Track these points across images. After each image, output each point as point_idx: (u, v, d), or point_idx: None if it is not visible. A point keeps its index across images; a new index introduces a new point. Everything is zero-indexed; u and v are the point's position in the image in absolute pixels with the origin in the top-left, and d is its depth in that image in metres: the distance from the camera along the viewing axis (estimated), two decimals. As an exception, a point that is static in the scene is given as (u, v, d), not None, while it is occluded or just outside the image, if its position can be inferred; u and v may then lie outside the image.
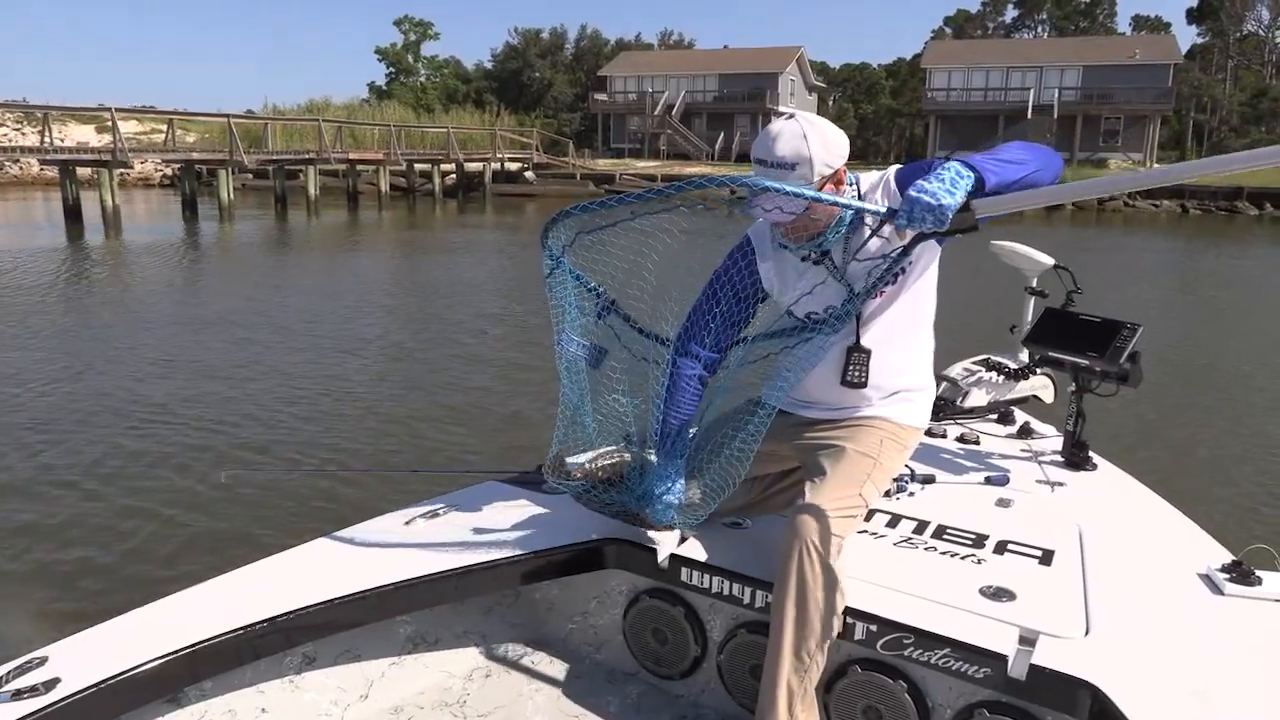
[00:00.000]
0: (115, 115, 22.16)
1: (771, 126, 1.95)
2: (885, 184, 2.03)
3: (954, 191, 1.70)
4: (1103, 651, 1.75)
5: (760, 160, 1.93)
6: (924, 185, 1.72)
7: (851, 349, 2.08)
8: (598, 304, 2.20)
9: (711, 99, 51.92)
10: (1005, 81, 46.93)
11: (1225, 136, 49.85)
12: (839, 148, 1.95)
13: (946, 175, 1.73)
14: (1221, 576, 2.01)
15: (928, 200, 1.70)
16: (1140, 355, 2.66)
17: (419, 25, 63.40)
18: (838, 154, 1.95)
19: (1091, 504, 2.51)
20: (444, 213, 30.44)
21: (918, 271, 2.09)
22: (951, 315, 2.32)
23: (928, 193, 1.70)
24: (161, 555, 4.50)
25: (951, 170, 1.74)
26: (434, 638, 2.37)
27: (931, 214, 1.70)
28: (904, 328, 2.14)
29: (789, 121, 1.93)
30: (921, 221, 1.71)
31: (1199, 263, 19.00)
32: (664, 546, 2.22)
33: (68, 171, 21.70)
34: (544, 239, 2.10)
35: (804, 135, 1.90)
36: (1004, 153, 1.86)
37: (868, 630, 1.90)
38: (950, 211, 1.70)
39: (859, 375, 2.08)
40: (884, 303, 2.08)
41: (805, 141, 1.90)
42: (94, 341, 9.26)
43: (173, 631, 1.81)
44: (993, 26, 66.21)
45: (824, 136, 1.93)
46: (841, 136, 1.98)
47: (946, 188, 1.71)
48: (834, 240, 2.03)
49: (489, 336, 9.95)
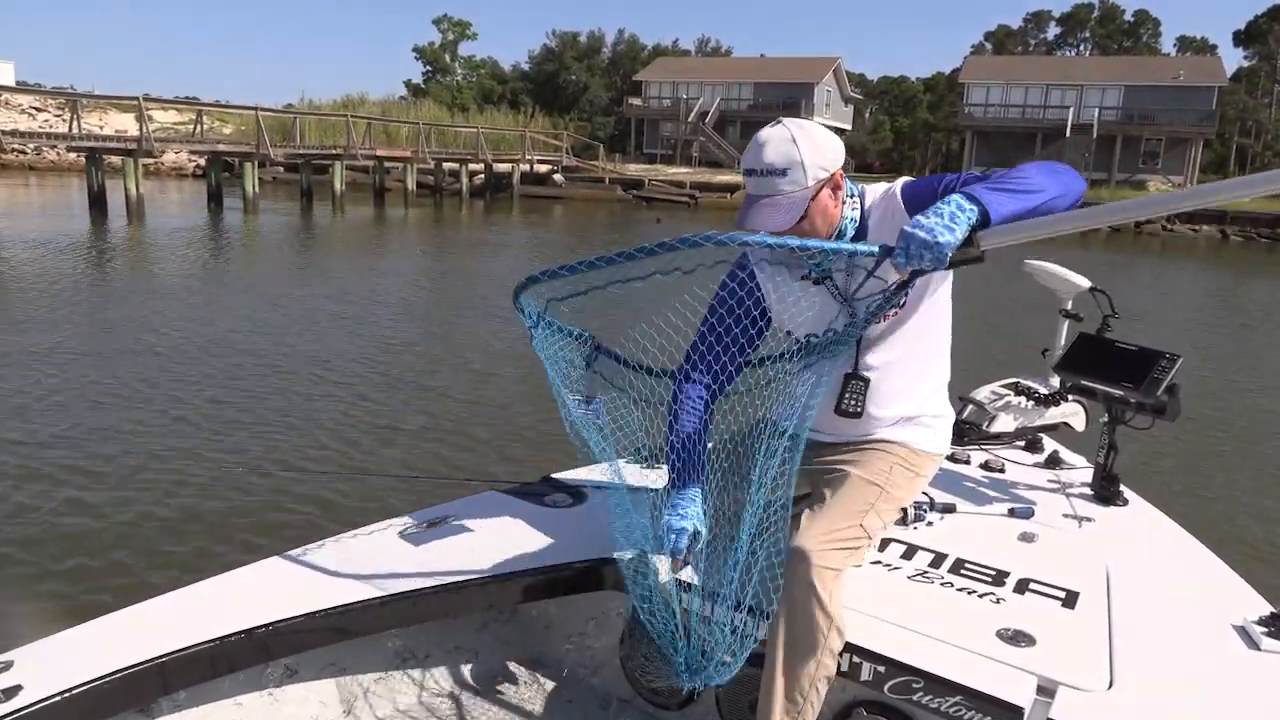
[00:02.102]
0: (144, 104, 22.26)
1: (759, 134, 1.86)
2: (890, 198, 1.93)
3: (954, 228, 1.58)
4: (1126, 707, 1.64)
5: (749, 170, 1.85)
6: (920, 221, 1.60)
7: (849, 376, 1.99)
8: (584, 351, 2.08)
9: (746, 107, 51.75)
10: (1044, 99, 46.30)
11: (1270, 161, 48.77)
12: (832, 151, 1.85)
13: (946, 210, 1.60)
14: (1259, 630, 1.88)
15: (923, 237, 1.58)
16: (1179, 388, 2.52)
17: (457, 25, 63.66)
18: (831, 157, 1.85)
19: (1121, 543, 2.38)
20: (470, 213, 30.39)
21: (927, 294, 1.98)
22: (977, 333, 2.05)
23: (924, 228, 1.59)
24: (146, 557, 4.34)
25: (952, 205, 1.61)
26: (424, 653, 2.29)
27: (929, 251, 1.58)
28: (912, 352, 2.03)
29: (776, 127, 1.85)
30: (919, 259, 1.59)
31: (1244, 292, 18.48)
32: (662, 570, 2.08)
33: (94, 159, 21.86)
34: (515, 302, 1.96)
35: (792, 139, 1.82)
36: (1017, 181, 1.70)
37: (875, 671, 1.79)
38: (949, 250, 1.58)
39: (855, 405, 2.00)
40: (890, 326, 1.98)
41: (795, 145, 1.81)
42: (83, 332, 9.12)
43: (146, 639, 1.73)
44: (1034, 43, 65.38)
45: (813, 139, 1.84)
46: (834, 139, 1.88)
47: (945, 224, 1.58)
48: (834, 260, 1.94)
49: (499, 342, 9.74)
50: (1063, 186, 1.72)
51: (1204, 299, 17.18)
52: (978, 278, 1.95)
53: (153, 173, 39.61)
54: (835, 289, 1.97)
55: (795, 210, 1.82)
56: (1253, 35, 55.43)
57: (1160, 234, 33.25)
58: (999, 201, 1.63)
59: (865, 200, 1.96)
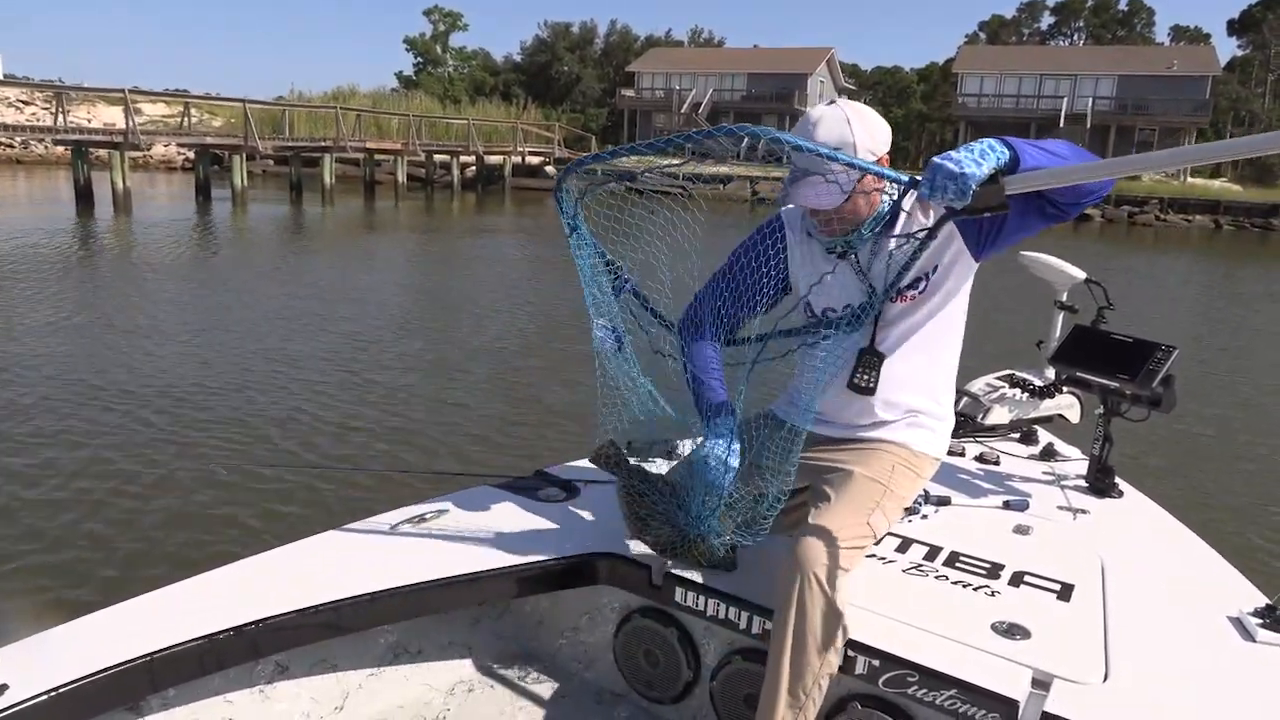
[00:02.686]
0: (130, 97, 22.01)
1: (812, 111, 1.86)
2: None
3: (981, 163, 1.58)
4: (1121, 700, 1.64)
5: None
6: (950, 154, 1.61)
7: (864, 351, 1.98)
8: (614, 280, 2.08)
9: (739, 98, 51.60)
10: (1038, 89, 46.20)
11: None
12: (884, 135, 1.88)
13: (976, 147, 1.62)
14: (1254, 621, 1.88)
15: (950, 167, 1.57)
16: (1175, 379, 2.53)
17: (448, 16, 63.22)
18: (882, 141, 1.87)
19: (1116, 535, 2.38)
20: (461, 205, 30.21)
21: (945, 288, 1.97)
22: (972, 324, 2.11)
23: (952, 160, 1.59)
24: (134, 555, 4.27)
25: (983, 143, 1.62)
26: (416, 648, 2.27)
27: (954, 182, 1.57)
28: (923, 345, 2.02)
29: (831, 107, 1.86)
30: (944, 190, 1.58)
31: (1237, 282, 18.38)
32: (658, 563, 2.11)
33: (80, 152, 21.68)
34: (557, 196, 1.97)
35: (848, 120, 1.83)
36: (1048, 143, 1.72)
37: (870, 665, 1.79)
38: (973, 182, 1.57)
39: (868, 380, 1.98)
40: (905, 311, 1.97)
41: (849, 126, 1.82)
42: (60, 327, 8.98)
43: (134, 637, 1.71)
44: (1028, 33, 65.25)
45: (868, 123, 1.85)
46: (886, 126, 1.90)
47: (974, 158, 1.59)
48: (865, 239, 1.94)
49: (492, 336, 9.64)
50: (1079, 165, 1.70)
51: (1198, 290, 17.09)
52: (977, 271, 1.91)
53: (141, 166, 39.35)
54: (858, 266, 1.97)
55: (841, 191, 1.81)
56: (1246, 24, 55.37)
57: (1154, 224, 33.23)
58: (1029, 152, 1.64)
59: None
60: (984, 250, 1.91)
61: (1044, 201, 1.75)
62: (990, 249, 1.91)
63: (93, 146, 22.13)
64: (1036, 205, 1.76)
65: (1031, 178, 1.62)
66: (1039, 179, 1.62)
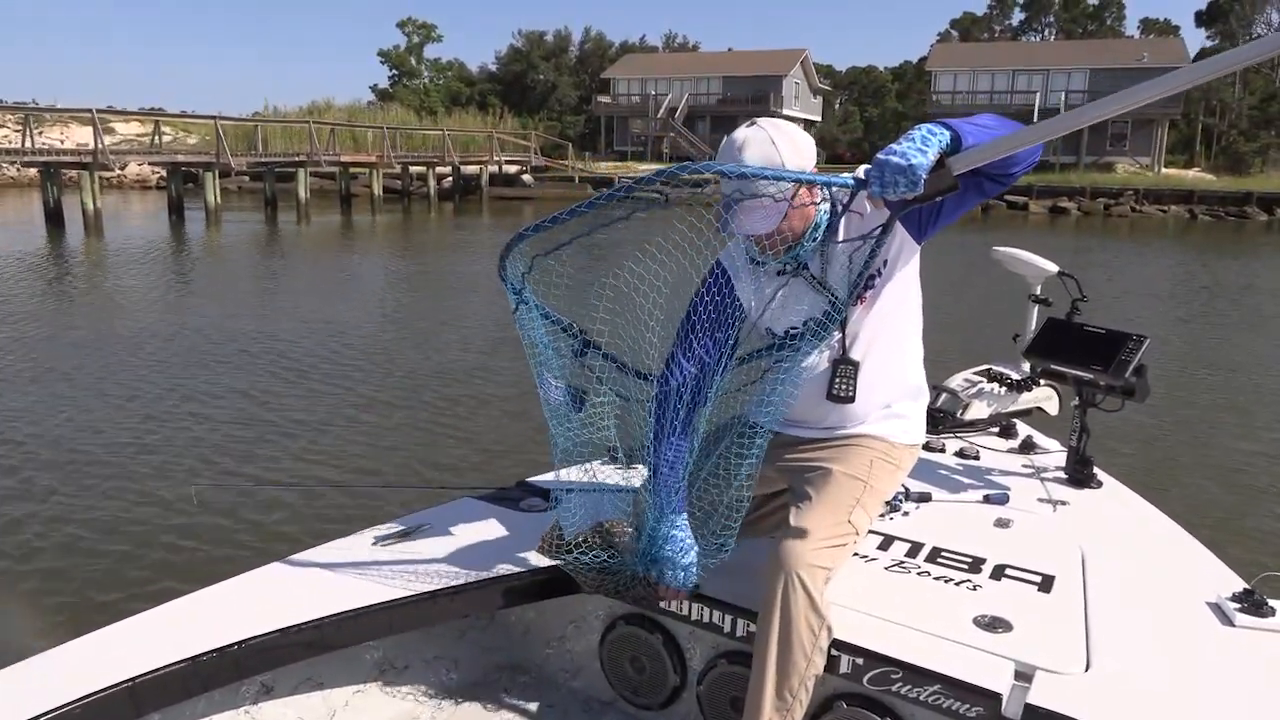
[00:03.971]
0: (99, 117, 21.80)
1: (734, 135, 1.84)
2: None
3: (925, 150, 1.59)
4: (1103, 689, 1.65)
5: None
6: (893, 148, 1.61)
7: (838, 362, 1.98)
8: (574, 343, 2.06)
9: (715, 102, 51.63)
10: (1011, 84, 46.49)
11: (1235, 140, 49.14)
12: (809, 150, 1.86)
13: (917, 135, 1.62)
14: (1232, 606, 1.90)
15: (897, 161, 1.58)
16: (1147, 369, 2.56)
17: (422, 27, 63.01)
18: (809, 156, 1.85)
19: (1095, 525, 2.41)
20: (439, 217, 30.04)
21: (896, 277, 1.97)
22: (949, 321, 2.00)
23: (896, 153, 1.59)
24: (111, 580, 4.19)
25: (922, 129, 1.63)
26: (403, 663, 2.27)
27: (903, 175, 1.57)
28: (888, 340, 2.02)
29: (752, 129, 1.84)
30: (895, 186, 1.58)
31: (1210, 271, 18.43)
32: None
33: (50, 174, 21.48)
34: (501, 271, 1.95)
35: (772, 141, 1.80)
36: (977, 119, 1.74)
37: (854, 664, 1.80)
38: (922, 171, 1.57)
39: (846, 390, 1.97)
40: (864, 312, 1.97)
41: (775, 148, 1.80)
42: (28, 352, 8.81)
43: (114, 663, 1.71)
44: (999, 29, 65.62)
45: (794, 141, 1.83)
46: (809, 139, 1.88)
47: (917, 146, 1.59)
48: (810, 249, 1.92)
49: (471, 349, 9.56)
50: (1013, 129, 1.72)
51: (1172, 280, 17.13)
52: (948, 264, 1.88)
53: (115, 186, 39.02)
54: (811, 278, 1.95)
55: (778, 213, 1.80)
56: (1214, 15, 55.87)
57: (1129, 215, 33.43)
58: (966, 130, 1.65)
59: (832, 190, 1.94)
60: (925, 233, 1.92)
61: (981, 177, 1.75)
62: (931, 230, 1.91)
63: (62, 167, 21.94)
64: (974, 181, 1.76)
65: (974, 153, 1.63)
66: (983, 153, 1.63)
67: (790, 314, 1.99)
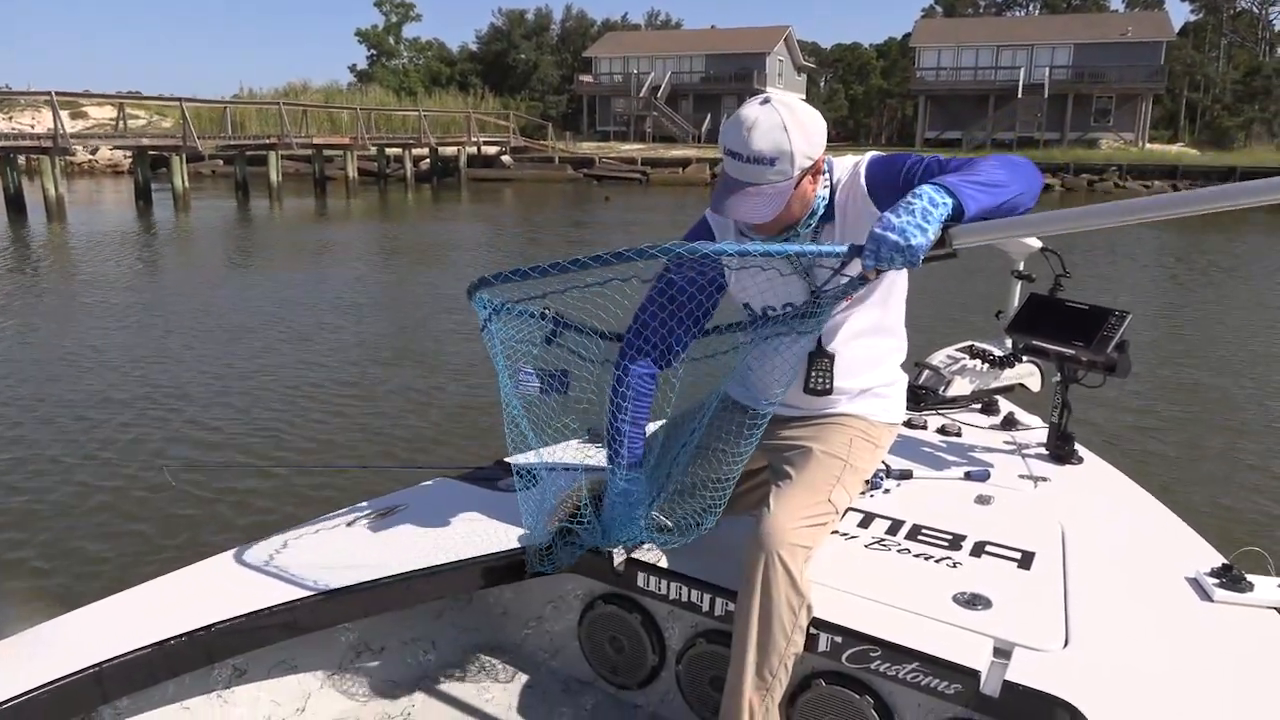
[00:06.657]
0: (58, 99, 21.32)
1: (745, 112, 1.73)
2: (855, 178, 1.86)
3: (926, 227, 1.52)
4: (1082, 665, 1.65)
5: (734, 153, 1.73)
6: (891, 221, 1.54)
7: (814, 355, 1.96)
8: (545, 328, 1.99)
9: (698, 80, 51.19)
10: (995, 60, 46.12)
11: (1219, 115, 49.00)
12: (819, 135, 1.77)
13: (918, 206, 1.53)
14: (1211, 581, 1.91)
15: (894, 240, 1.53)
16: (1129, 344, 2.55)
17: (400, 7, 62.03)
18: (818, 143, 1.77)
19: (1075, 501, 2.40)
20: (416, 200, 29.62)
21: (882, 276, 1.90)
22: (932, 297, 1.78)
23: (895, 229, 1.53)
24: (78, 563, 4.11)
25: (924, 199, 1.54)
26: (379, 645, 2.26)
27: (901, 255, 1.53)
28: (873, 324, 2.00)
29: (765, 108, 1.72)
30: (890, 262, 1.54)
31: (1192, 247, 18.37)
32: (619, 550, 2.10)
33: (8, 159, 21.00)
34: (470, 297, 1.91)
35: (784, 126, 1.71)
36: (984, 172, 1.64)
37: (832, 642, 1.80)
38: (921, 252, 1.53)
39: (823, 382, 1.97)
40: (849, 309, 1.95)
41: (785, 133, 1.71)
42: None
43: (81, 648, 1.70)
44: (984, 5, 65.18)
45: (804, 126, 1.74)
46: (821, 123, 1.79)
47: (918, 223, 1.52)
48: (804, 232, 1.89)
49: (447, 332, 9.33)
50: (1025, 183, 1.67)
51: (1155, 256, 17.11)
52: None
53: (87, 171, 38.38)
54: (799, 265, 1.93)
55: (780, 201, 1.75)
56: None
57: (1113, 191, 33.23)
58: (970, 195, 1.57)
59: (834, 173, 1.88)
60: None
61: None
62: None
63: (19, 152, 21.48)
64: None
65: (983, 230, 1.59)
66: (991, 231, 1.59)
67: (770, 294, 1.95)
